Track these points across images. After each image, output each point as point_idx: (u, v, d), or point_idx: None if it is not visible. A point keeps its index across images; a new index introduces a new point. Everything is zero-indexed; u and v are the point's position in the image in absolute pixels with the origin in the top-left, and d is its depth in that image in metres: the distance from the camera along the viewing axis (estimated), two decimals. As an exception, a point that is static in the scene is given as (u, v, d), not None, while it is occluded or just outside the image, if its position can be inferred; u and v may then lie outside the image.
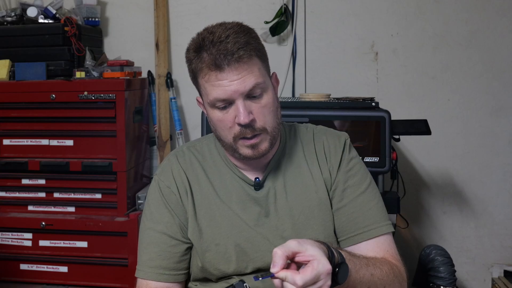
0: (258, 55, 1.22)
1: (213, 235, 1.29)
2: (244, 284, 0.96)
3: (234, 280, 1.24)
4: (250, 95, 1.20)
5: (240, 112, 1.18)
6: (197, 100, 1.33)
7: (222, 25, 1.22)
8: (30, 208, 2.38)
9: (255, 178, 1.30)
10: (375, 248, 1.26)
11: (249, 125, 1.20)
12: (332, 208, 1.31)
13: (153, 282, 1.28)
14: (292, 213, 1.29)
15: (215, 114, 1.23)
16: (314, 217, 1.29)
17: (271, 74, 1.29)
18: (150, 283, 1.28)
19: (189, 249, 1.31)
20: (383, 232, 1.28)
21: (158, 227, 1.30)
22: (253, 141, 1.22)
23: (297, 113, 1.95)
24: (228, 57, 1.16)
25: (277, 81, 1.31)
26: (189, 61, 1.26)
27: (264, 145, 1.23)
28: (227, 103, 1.20)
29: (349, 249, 1.25)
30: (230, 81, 1.17)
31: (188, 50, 1.26)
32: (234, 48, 1.16)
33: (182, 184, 1.31)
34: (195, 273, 1.32)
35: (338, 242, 1.31)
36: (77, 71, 2.35)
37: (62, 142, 2.34)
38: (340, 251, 1.09)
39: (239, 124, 1.20)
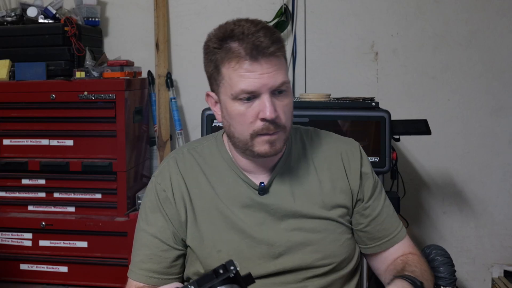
0: (285, 57, 1.22)
1: (214, 241, 1.26)
2: (234, 263, 0.92)
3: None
4: (275, 92, 1.18)
5: (267, 106, 1.16)
6: (208, 94, 1.28)
7: (248, 19, 1.21)
8: (30, 208, 2.38)
9: (260, 183, 1.27)
10: (401, 248, 1.35)
11: (273, 121, 1.18)
12: (351, 216, 1.33)
13: (142, 284, 1.27)
14: (297, 220, 1.27)
15: (236, 108, 1.18)
16: (320, 224, 1.28)
17: None
18: (139, 284, 1.27)
19: (182, 256, 1.29)
20: (405, 234, 1.37)
21: (151, 230, 1.28)
22: (273, 137, 1.20)
23: (297, 113, 1.92)
24: (264, 49, 1.14)
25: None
26: (211, 51, 1.20)
27: (280, 144, 1.22)
28: (252, 96, 1.17)
29: (382, 256, 1.35)
30: (261, 74, 1.15)
31: (210, 40, 1.21)
32: (268, 42, 1.15)
33: (179, 190, 1.29)
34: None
35: (362, 242, 1.35)
36: (77, 71, 2.35)
37: (62, 142, 2.34)
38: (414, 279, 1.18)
39: (264, 119, 1.17)
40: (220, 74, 1.20)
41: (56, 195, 2.36)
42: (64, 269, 2.32)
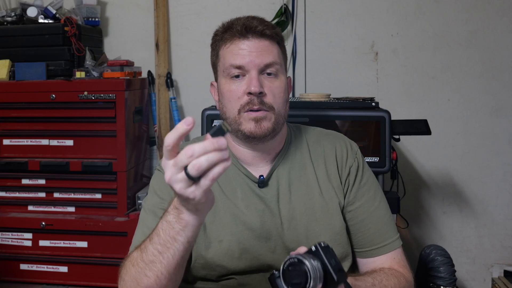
0: (280, 45, 1.29)
1: (216, 231, 1.28)
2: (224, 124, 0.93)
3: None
4: (265, 72, 1.25)
5: (252, 81, 1.22)
6: (211, 84, 1.37)
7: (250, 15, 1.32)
8: (30, 208, 2.38)
9: (259, 176, 1.30)
10: (389, 260, 1.31)
11: (258, 96, 1.23)
12: (344, 215, 1.32)
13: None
14: (295, 214, 1.29)
15: (227, 85, 1.26)
16: (316, 219, 1.29)
17: (287, 76, 1.33)
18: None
19: None
20: (396, 247, 1.32)
21: (163, 204, 1.26)
22: (258, 114, 1.23)
23: (297, 113, 1.95)
24: (253, 28, 1.25)
25: (290, 87, 1.36)
26: (213, 40, 1.32)
27: (267, 124, 1.24)
28: (241, 73, 1.24)
29: (364, 261, 1.31)
30: (250, 51, 1.24)
31: (216, 31, 1.33)
32: (259, 24, 1.26)
33: None
34: (197, 269, 1.31)
35: (351, 243, 1.33)
36: (77, 71, 2.35)
37: (62, 142, 2.34)
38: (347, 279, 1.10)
39: (249, 93, 1.22)
40: (218, 57, 1.30)
41: (56, 195, 2.36)
42: (64, 269, 2.31)
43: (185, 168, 0.88)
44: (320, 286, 0.96)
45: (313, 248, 0.98)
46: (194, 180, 0.88)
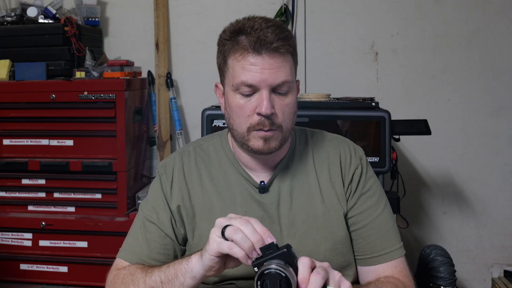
0: (293, 54, 1.22)
1: None
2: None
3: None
4: (276, 90, 1.19)
5: (264, 102, 1.17)
6: (216, 85, 1.31)
7: (263, 17, 1.23)
8: (30, 208, 2.38)
9: (260, 182, 1.28)
10: (390, 269, 1.28)
11: (269, 118, 1.19)
12: (347, 223, 1.30)
13: (127, 263, 1.28)
14: (295, 221, 1.27)
15: (236, 100, 1.21)
16: (317, 227, 1.27)
17: (296, 80, 1.29)
18: (125, 263, 1.28)
19: (175, 247, 1.30)
20: (399, 256, 1.29)
21: (152, 216, 1.29)
22: (267, 134, 1.20)
23: (297, 113, 1.95)
24: (267, 44, 1.16)
25: (298, 89, 1.31)
26: (222, 41, 1.24)
27: (275, 143, 1.22)
28: (252, 91, 1.19)
29: (365, 269, 1.28)
30: (262, 69, 1.16)
31: (224, 31, 1.25)
32: (274, 38, 1.16)
33: (178, 185, 1.31)
34: None
35: (353, 252, 1.31)
36: (77, 71, 2.35)
37: (62, 142, 2.35)
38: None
39: (259, 114, 1.18)
40: (226, 64, 1.22)
41: (56, 195, 2.36)
42: (64, 269, 2.32)
43: (228, 225, 1.02)
44: (291, 269, 0.97)
45: (256, 269, 0.99)
46: (222, 235, 1.03)
